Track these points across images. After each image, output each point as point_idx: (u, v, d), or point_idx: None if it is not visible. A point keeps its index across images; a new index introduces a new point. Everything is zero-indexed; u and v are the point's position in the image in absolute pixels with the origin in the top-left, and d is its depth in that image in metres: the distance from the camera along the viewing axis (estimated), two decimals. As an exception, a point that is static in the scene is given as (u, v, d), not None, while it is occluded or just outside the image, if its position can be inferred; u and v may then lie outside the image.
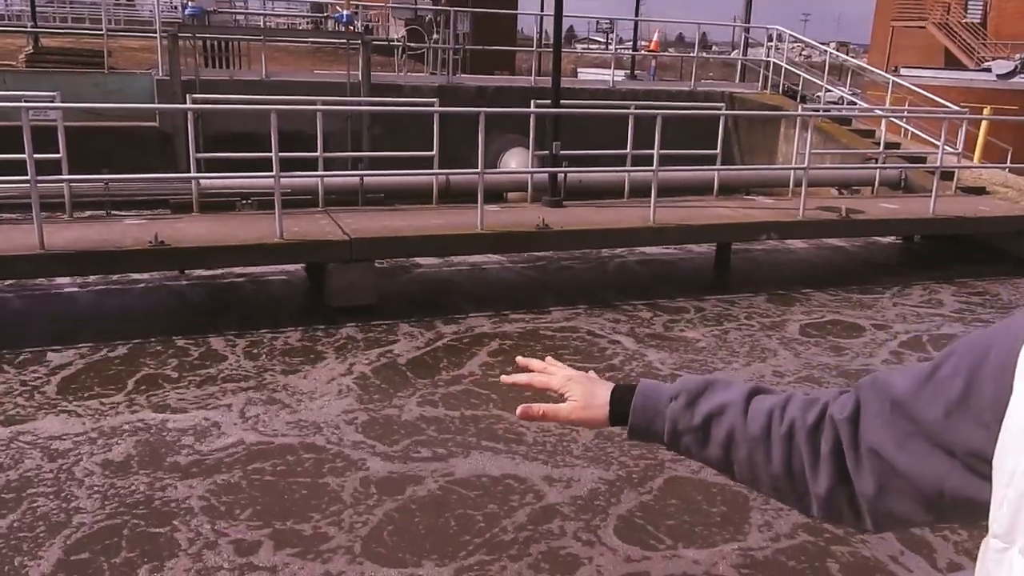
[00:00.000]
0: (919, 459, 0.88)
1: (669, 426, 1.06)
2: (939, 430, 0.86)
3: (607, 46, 20.98)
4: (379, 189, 10.55)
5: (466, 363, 6.91)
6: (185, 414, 5.76)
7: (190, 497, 4.70)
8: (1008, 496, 0.74)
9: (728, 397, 1.05)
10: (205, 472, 4.98)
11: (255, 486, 4.85)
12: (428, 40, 17.23)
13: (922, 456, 0.88)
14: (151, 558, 4.14)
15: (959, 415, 0.83)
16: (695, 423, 1.04)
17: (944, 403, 0.85)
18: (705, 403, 1.05)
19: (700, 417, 1.04)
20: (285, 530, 4.41)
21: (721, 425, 1.03)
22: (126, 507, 4.59)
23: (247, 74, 14.31)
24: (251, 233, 7.94)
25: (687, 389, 1.07)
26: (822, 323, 8.34)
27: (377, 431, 5.60)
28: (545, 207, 9.68)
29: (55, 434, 5.39)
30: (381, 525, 4.51)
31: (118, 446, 5.27)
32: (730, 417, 1.03)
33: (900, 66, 23.71)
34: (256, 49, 14.69)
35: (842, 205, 10.46)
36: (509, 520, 4.59)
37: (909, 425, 0.89)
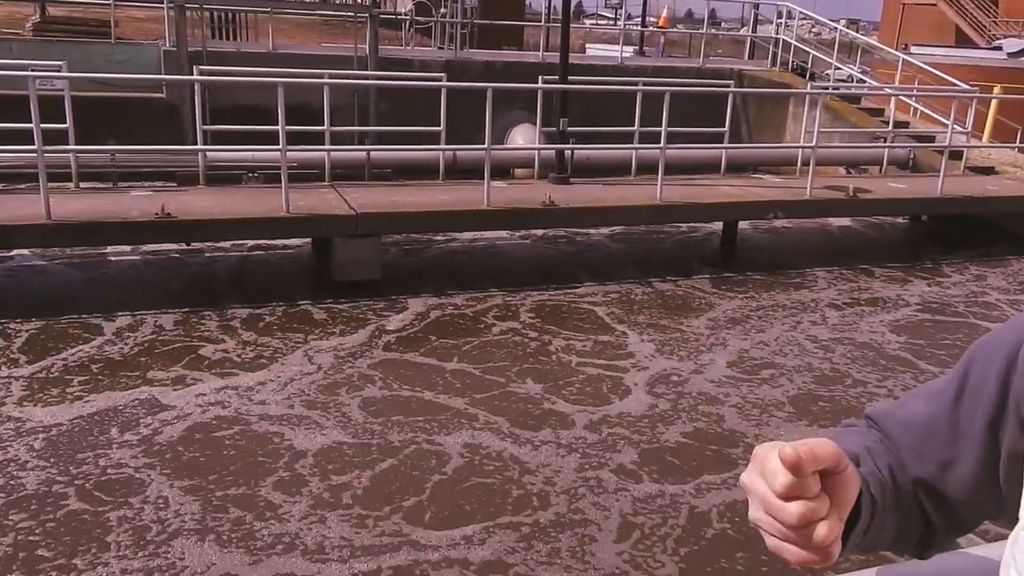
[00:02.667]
0: (963, 482, 0.85)
1: (879, 514, 0.87)
2: (984, 445, 0.83)
3: (616, 22, 20.76)
4: (386, 164, 10.52)
5: (467, 338, 6.94)
6: (174, 388, 5.81)
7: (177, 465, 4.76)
8: None
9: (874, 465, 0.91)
10: (171, 446, 5.04)
11: (221, 452, 4.90)
12: (436, 14, 17.09)
13: (966, 481, 0.85)
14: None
15: (1002, 421, 0.81)
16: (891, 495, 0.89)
17: (984, 414, 0.82)
18: (868, 462, 0.91)
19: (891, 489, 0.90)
20: (251, 496, 4.47)
21: (904, 479, 0.91)
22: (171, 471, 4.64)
23: (254, 46, 14.24)
24: (257, 206, 7.94)
25: (867, 459, 0.90)
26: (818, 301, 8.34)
27: (359, 406, 5.65)
28: (551, 184, 9.66)
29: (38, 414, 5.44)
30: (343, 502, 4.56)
31: (121, 421, 5.33)
32: (905, 474, 0.91)
33: (910, 44, 23.46)
34: (263, 21, 14.59)
35: (850, 184, 10.42)
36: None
37: (948, 450, 0.85)
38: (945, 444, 0.86)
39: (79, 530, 4.16)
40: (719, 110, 11.15)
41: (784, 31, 16.89)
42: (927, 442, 0.87)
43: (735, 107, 13.51)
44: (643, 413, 5.71)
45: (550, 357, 6.63)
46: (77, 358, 6.15)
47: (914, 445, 0.88)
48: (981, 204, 10.61)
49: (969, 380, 0.84)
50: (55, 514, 4.28)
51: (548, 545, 4.22)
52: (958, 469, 0.85)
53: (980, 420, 0.83)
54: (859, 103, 14.83)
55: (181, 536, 4.14)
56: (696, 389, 6.14)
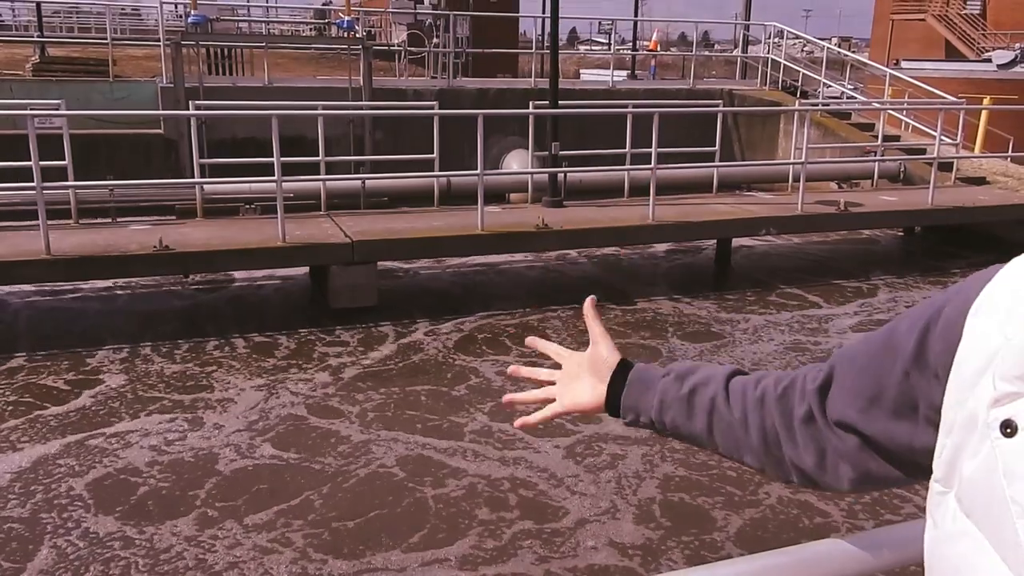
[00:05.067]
0: (884, 423, 0.91)
1: (658, 399, 1.10)
2: (901, 390, 0.89)
3: (609, 47, 21.02)
4: (381, 192, 10.65)
5: (459, 363, 7.02)
6: (174, 417, 5.88)
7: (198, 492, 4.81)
8: (947, 445, 0.78)
9: (712, 372, 1.11)
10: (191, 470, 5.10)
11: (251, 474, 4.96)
12: (428, 44, 17.34)
13: (886, 420, 0.91)
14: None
15: (917, 372, 0.86)
16: (682, 394, 1.08)
17: (902, 362, 0.88)
18: (692, 378, 1.10)
19: (687, 388, 1.08)
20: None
21: (704, 395, 1.07)
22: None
23: (250, 80, 14.45)
24: (254, 237, 8.06)
25: (676, 368, 1.13)
26: (810, 315, 8.40)
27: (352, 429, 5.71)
28: (545, 207, 9.77)
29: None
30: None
31: (116, 457, 5.39)
32: (712, 388, 1.08)
33: (901, 59, 23.71)
34: (259, 56, 14.83)
35: (841, 199, 10.52)
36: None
37: (871, 389, 0.92)
38: (869, 384, 0.93)
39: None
40: (710, 130, 11.28)
41: (774, 51, 17.10)
42: (858, 378, 0.95)
43: (726, 126, 13.68)
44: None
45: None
46: (71, 389, 6.23)
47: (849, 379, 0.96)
48: (971, 214, 10.69)
49: (895, 332, 0.91)
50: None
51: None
52: (878, 410, 0.92)
53: (899, 371, 0.89)
54: (849, 119, 14.97)
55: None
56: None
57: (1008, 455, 0.69)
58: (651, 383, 1.12)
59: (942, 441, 0.80)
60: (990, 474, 0.71)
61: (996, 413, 0.70)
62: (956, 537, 0.76)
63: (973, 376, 0.75)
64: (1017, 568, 0.68)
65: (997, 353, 0.72)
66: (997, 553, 0.70)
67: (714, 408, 1.07)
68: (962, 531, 0.75)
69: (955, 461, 0.77)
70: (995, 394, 0.71)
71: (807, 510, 4.81)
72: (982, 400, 0.73)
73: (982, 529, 0.72)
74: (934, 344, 0.84)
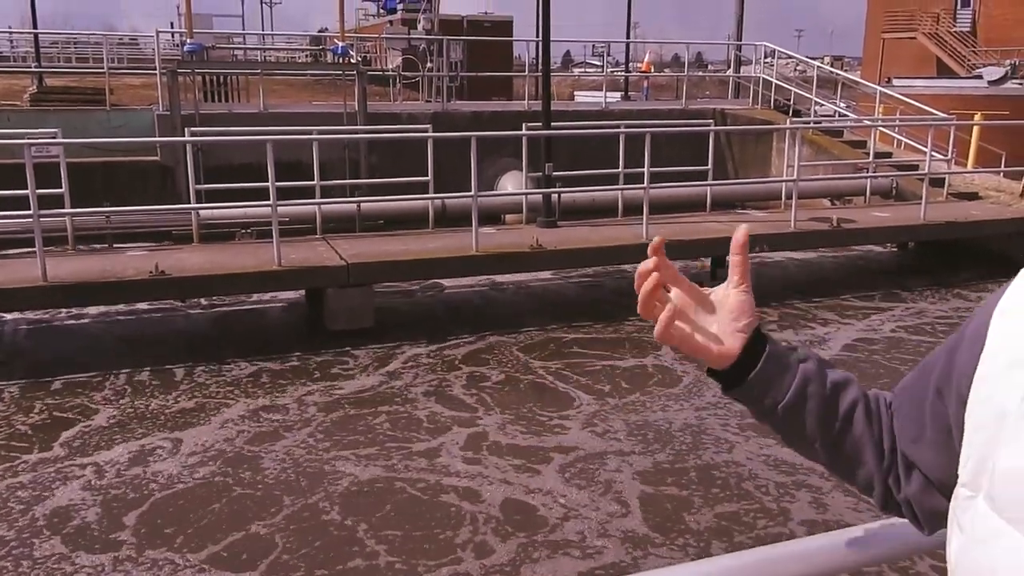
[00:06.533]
0: (932, 454, 0.90)
1: (799, 385, 0.97)
2: (935, 413, 0.88)
3: (602, 69, 21.25)
4: (376, 215, 10.72)
5: (449, 384, 7.03)
6: (175, 437, 5.89)
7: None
8: (975, 443, 0.78)
9: (846, 374, 1.02)
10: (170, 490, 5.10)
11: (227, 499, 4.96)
12: (423, 69, 17.51)
13: (932, 451, 0.90)
14: None
15: (947, 389, 0.86)
16: (826, 389, 0.98)
17: (935, 381, 0.88)
18: (831, 373, 1.00)
19: (830, 384, 0.99)
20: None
21: (846, 398, 0.99)
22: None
23: (246, 107, 14.57)
24: (250, 261, 8.10)
25: (812, 355, 1.02)
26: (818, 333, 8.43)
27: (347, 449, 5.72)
28: (540, 227, 9.83)
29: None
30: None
31: (106, 476, 5.40)
32: (853, 393, 0.99)
33: (893, 77, 23.91)
34: (255, 83, 14.97)
35: (834, 215, 10.59)
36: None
37: (918, 418, 0.92)
38: (916, 412, 0.93)
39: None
40: (703, 149, 11.38)
41: (765, 70, 17.27)
42: (909, 407, 0.95)
43: (719, 145, 13.79)
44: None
45: (544, 395, 6.71)
46: (75, 416, 6.24)
47: (904, 412, 0.96)
48: (964, 228, 10.76)
49: (931, 354, 0.92)
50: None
51: None
52: (923, 441, 0.92)
53: (932, 391, 0.89)
54: (841, 136, 15.10)
55: None
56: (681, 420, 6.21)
57: None
58: (790, 364, 0.98)
59: (968, 441, 0.79)
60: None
61: None
62: (989, 539, 0.74)
63: (1003, 370, 0.76)
64: None
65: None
66: None
67: (854, 415, 0.99)
68: (995, 531, 0.73)
69: (985, 460, 0.76)
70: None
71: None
72: (1015, 392, 0.73)
73: (1019, 526, 0.70)
74: (961, 356, 0.84)
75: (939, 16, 28.19)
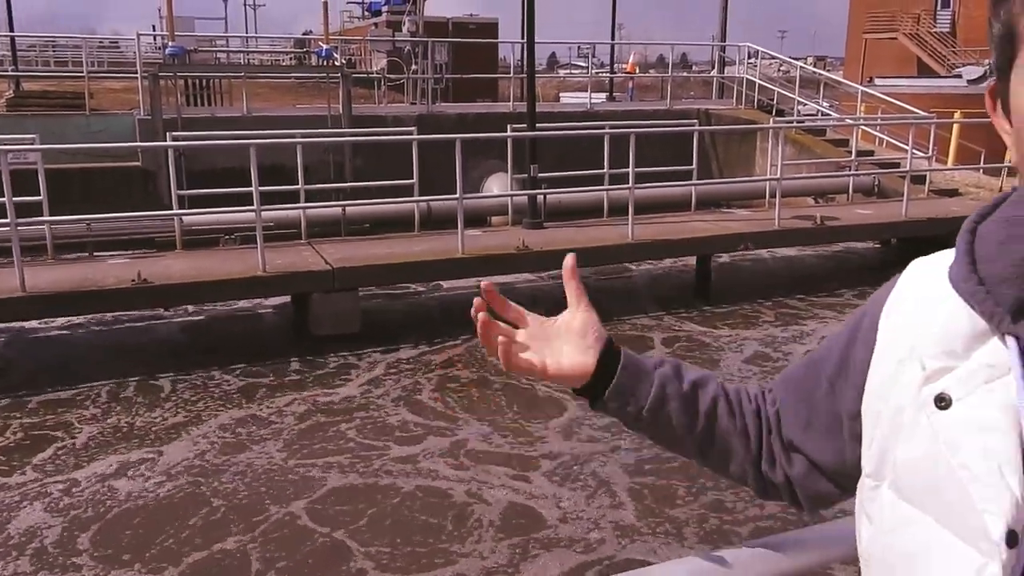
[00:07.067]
0: (820, 442, 0.93)
1: (657, 390, 0.99)
2: (827, 405, 0.91)
3: (587, 70, 21.27)
4: (362, 219, 10.66)
5: (435, 388, 7.00)
6: (164, 446, 5.82)
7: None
8: (876, 437, 0.81)
9: (705, 372, 1.06)
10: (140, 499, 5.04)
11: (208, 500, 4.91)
12: (407, 71, 17.46)
13: (821, 439, 0.93)
14: None
15: (841, 382, 0.89)
16: (684, 389, 1.01)
17: (827, 375, 0.91)
18: (689, 374, 1.03)
19: (688, 384, 1.01)
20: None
21: (706, 395, 1.01)
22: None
23: (229, 111, 14.48)
24: (234, 267, 8.03)
25: (668, 361, 1.05)
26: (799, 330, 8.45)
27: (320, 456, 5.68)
28: (525, 229, 9.81)
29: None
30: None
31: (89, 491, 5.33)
32: (712, 389, 1.02)
33: (874, 76, 24.07)
34: (238, 86, 14.89)
35: (817, 213, 10.63)
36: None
37: (806, 409, 0.95)
38: (804, 403, 0.96)
39: None
40: (688, 149, 11.40)
41: (749, 70, 17.34)
42: (796, 399, 0.98)
43: (703, 145, 13.82)
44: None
45: (530, 397, 6.69)
46: (57, 424, 6.16)
47: (790, 402, 0.99)
48: (945, 224, 10.80)
49: (822, 349, 0.95)
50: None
51: None
52: (813, 430, 0.95)
53: (825, 385, 0.92)
54: (824, 135, 15.17)
55: None
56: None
57: (948, 427, 0.72)
58: (646, 371, 1.01)
59: (869, 434, 0.83)
60: (931, 449, 0.73)
61: (928, 390, 0.74)
62: (898, 527, 0.77)
63: (896, 366, 0.80)
64: (970, 534, 0.69)
65: (916, 340, 0.78)
66: (947, 528, 0.71)
67: (716, 411, 1.01)
68: (904, 518, 0.76)
69: (886, 451, 0.79)
70: (925, 373, 0.75)
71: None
72: (910, 384, 0.77)
73: (926, 510, 0.73)
74: (856, 353, 0.87)
75: (919, 17, 28.39)
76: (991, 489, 0.68)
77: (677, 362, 1.05)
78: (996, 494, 0.68)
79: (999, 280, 0.73)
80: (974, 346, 0.73)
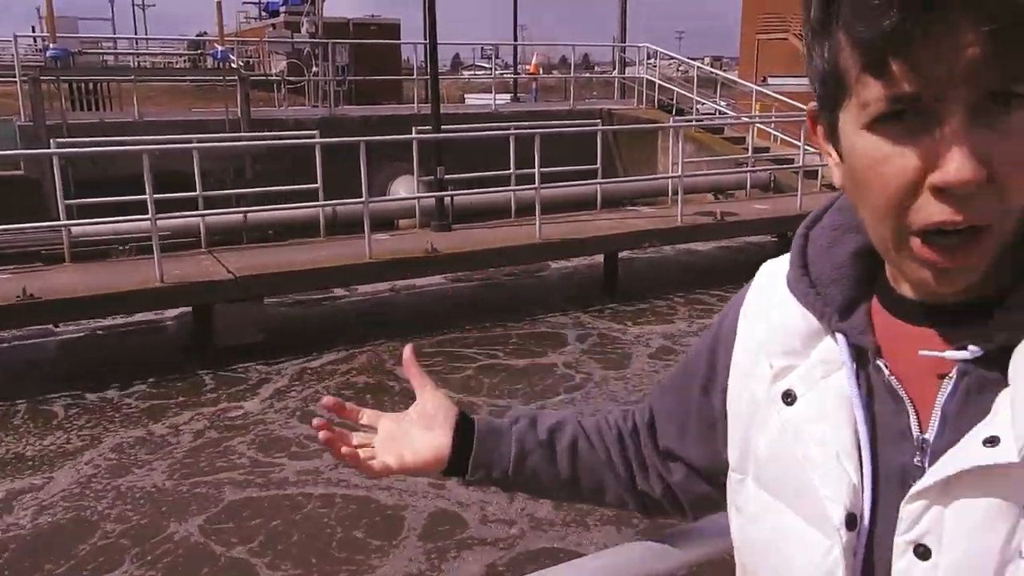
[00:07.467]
0: (697, 448, 0.95)
1: (516, 448, 1.01)
2: (700, 409, 0.93)
3: (491, 71, 21.34)
4: (265, 225, 10.39)
5: (342, 397, 6.90)
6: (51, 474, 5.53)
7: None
8: (738, 432, 0.85)
9: (561, 415, 1.07)
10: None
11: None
12: (308, 73, 17.11)
13: (697, 444, 0.95)
14: None
15: (712, 387, 0.91)
16: (541, 439, 1.02)
17: (699, 381, 0.93)
18: (545, 422, 1.04)
19: (544, 433, 1.03)
20: None
21: (564, 438, 1.03)
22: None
23: (119, 116, 13.87)
24: (129, 279, 7.69)
25: (523, 413, 1.06)
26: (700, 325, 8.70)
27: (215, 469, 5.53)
28: (434, 231, 9.76)
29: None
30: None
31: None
32: (570, 430, 1.04)
33: (768, 75, 24.99)
34: (128, 90, 14.26)
35: (717, 209, 10.97)
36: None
37: (681, 415, 0.97)
38: (679, 410, 0.98)
39: None
40: (592, 148, 11.56)
41: (649, 71, 17.74)
42: (671, 407, 0.99)
43: (607, 144, 14.05)
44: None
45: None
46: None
47: (665, 411, 1.00)
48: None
49: (691, 355, 0.97)
50: None
51: None
52: (689, 435, 0.96)
53: (697, 390, 0.94)
54: (722, 133, 15.67)
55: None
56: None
57: (793, 420, 0.76)
58: (502, 432, 1.02)
59: (733, 430, 0.86)
60: (781, 441, 0.78)
61: (776, 387, 0.79)
62: (760, 515, 0.81)
63: (750, 365, 0.84)
64: (815, 519, 0.73)
65: (765, 339, 0.82)
66: (798, 515, 0.75)
67: (576, 450, 1.03)
68: (764, 507, 0.80)
69: (747, 444, 0.83)
70: (772, 371, 0.79)
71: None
72: (762, 381, 0.81)
73: (780, 498, 0.77)
74: (720, 355, 0.90)
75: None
76: (830, 476, 0.72)
77: (533, 413, 1.07)
78: (835, 480, 0.72)
79: (828, 281, 0.78)
80: (812, 344, 0.77)
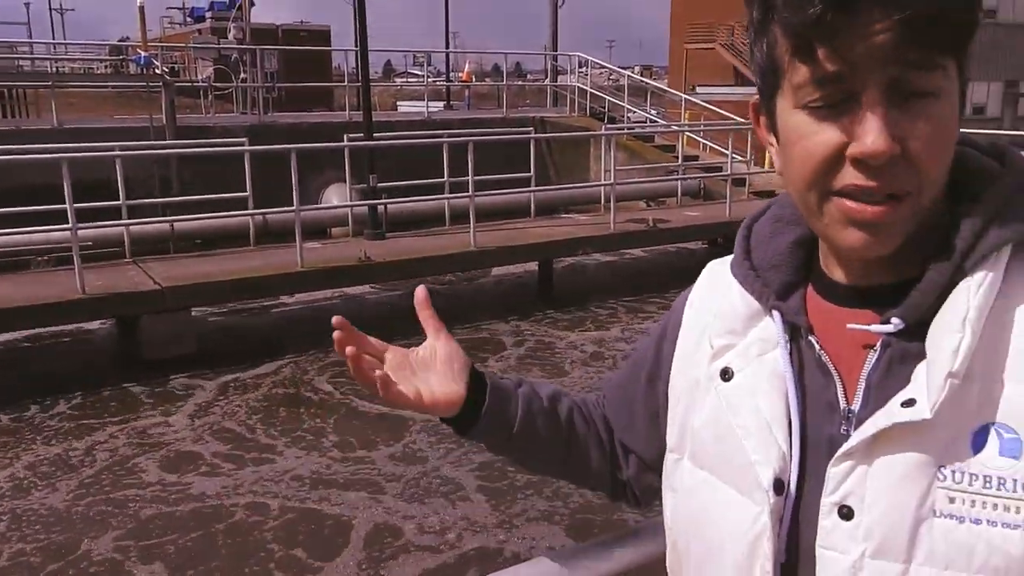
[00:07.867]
0: (644, 439, 0.99)
1: (523, 409, 1.01)
2: (646, 399, 0.97)
3: (423, 79, 21.27)
4: (193, 235, 10.14)
5: (272, 409, 6.79)
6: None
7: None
8: (678, 413, 0.90)
9: (556, 387, 1.10)
10: None
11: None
12: (236, 79, 16.78)
13: (644, 435, 0.99)
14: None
15: (657, 377, 0.96)
16: (545, 405, 1.03)
17: (645, 371, 0.98)
18: (543, 388, 1.06)
19: (547, 399, 1.04)
20: None
21: (563, 406, 1.05)
22: None
23: (36, 123, 13.39)
24: (48, 291, 7.40)
25: (526, 380, 1.07)
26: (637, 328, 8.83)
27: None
28: (367, 240, 9.68)
29: None
30: None
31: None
32: (567, 402, 1.06)
33: (696, 84, 25.61)
34: (46, 96, 13.76)
35: (649, 216, 11.16)
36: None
37: (629, 407, 1.01)
38: (627, 402, 1.02)
39: None
40: (525, 156, 11.64)
41: (580, 79, 17.95)
42: (620, 399, 1.04)
43: (540, 152, 14.16)
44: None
45: (349, 415, 6.60)
46: None
47: (614, 406, 1.05)
48: (764, 224, 11.65)
49: (639, 348, 1.02)
50: None
51: None
52: (637, 426, 1.00)
53: (644, 381, 0.99)
54: (653, 141, 15.95)
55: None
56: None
57: (730, 394, 0.81)
58: (510, 392, 1.02)
59: (672, 411, 0.91)
60: (717, 415, 0.82)
61: (715, 365, 0.84)
62: (693, 490, 0.85)
63: (692, 348, 0.89)
64: (746, 487, 0.77)
65: (707, 323, 0.87)
66: (730, 485, 0.79)
67: (573, 422, 1.05)
68: (698, 483, 0.84)
69: (685, 423, 0.88)
70: (713, 351, 0.85)
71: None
72: (703, 361, 0.86)
73: (714, 471, 0.82)
74: (666, 347, 0.95)
75: (734, 28, 30.46)
76: (762, 443, 0.77)
77: (531, 381, 1.09)
78: (765, 447, 0.77)
79: (768, 266, 0.84)
80: (751, 324, 0.83)
